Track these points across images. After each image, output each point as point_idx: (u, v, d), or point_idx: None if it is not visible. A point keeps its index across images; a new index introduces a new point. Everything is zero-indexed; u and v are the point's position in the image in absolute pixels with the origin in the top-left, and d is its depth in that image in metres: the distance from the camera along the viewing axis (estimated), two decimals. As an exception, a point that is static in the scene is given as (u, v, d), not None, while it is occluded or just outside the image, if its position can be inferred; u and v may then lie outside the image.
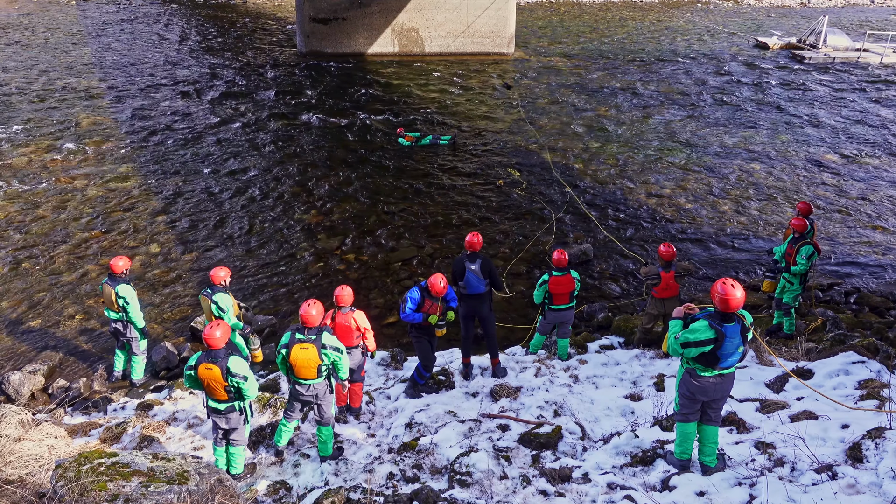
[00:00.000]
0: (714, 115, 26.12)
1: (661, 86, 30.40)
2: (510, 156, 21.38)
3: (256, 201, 17.76)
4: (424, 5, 34.13)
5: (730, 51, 38.41)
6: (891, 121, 25.82)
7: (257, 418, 8.83)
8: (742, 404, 8.21)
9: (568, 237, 16.14)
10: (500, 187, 18.97)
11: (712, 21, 49.14)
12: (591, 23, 47.19)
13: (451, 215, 17.20)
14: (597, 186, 19.12)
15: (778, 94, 29.52)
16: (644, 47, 38.91)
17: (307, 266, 14.73)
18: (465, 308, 9.78)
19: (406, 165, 20.41)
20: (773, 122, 25.49)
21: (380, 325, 12.33)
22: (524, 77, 31.52)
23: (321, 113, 25.17)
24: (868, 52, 36.65)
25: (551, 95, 28.36)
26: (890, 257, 15.48)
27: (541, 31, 43.21)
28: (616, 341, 11.40)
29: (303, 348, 7.43)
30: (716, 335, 6.02)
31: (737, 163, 21.18)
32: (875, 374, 8.46)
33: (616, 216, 17.28)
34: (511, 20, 35.30)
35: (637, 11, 52.72)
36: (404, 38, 34.74)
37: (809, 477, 6.11)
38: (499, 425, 8.40)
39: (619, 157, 21.46)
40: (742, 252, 15.68)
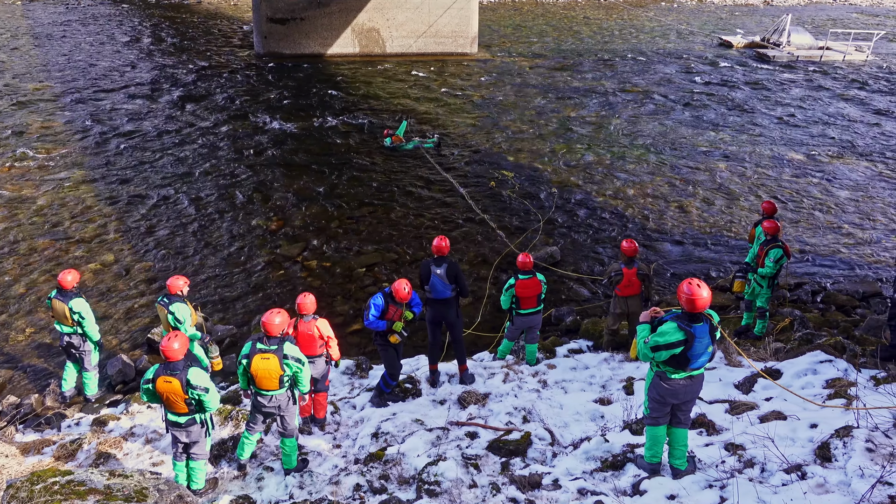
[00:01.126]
0: (679, 115, 26.50)
1: (626, 85, 30.76)
2: (475, 158, 21.45)
3: (214, 207, 17.59)
4: (385, 5, 34.14)
5: (694, 49, 39.02)
6: (854, 119, 26.42)
7: (218, 431, 8.74)
8: (711, 406, 8.33)
9: (535, 240, 16.24)
10: (493, 188, 19.12)
11: (676, 19, 49.86)
12: (554, 22, 47.59)
13: (417, 219, 17.21)
14: (563, 187, 19.27)
15: (743, 92, 30.05)
16: (609, 46, 39.34)
17: (268, 274, 14.63)
18: (431, 313, 9.78)
19: (369, 169, 20.37)
20: (738, 121, 25.94)
21: (344, 332, 12.29)
22: (488, 77, 31.66)
23: (280, 116, 25.02)
24: (831, 51, 37.50)
25: (516, 96, 28.54)
26: (855, 255, 15.83)
27: (504, 31, 43.47)
28: (585, 345, 11.48)
29: (264, 358, 7.37)
30: (685, 336, 6.08)
31: (703, 162, 21.50)
32: (842, 372, 8.64)
33: (583, 217, 17.43)
34: (473, 20, 35.46)
35: (601, 10, 53.30)
36: (365, 39, 34.70)
37: (779, 477, 6.21)
38: (467, 433, 8.41)
39: (585, 158, 21.66)
40: (709, 251, 15.92)
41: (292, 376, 7.59)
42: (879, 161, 21.97)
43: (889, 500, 5.20)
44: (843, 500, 5.48)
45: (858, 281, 14.46)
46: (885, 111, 27.58)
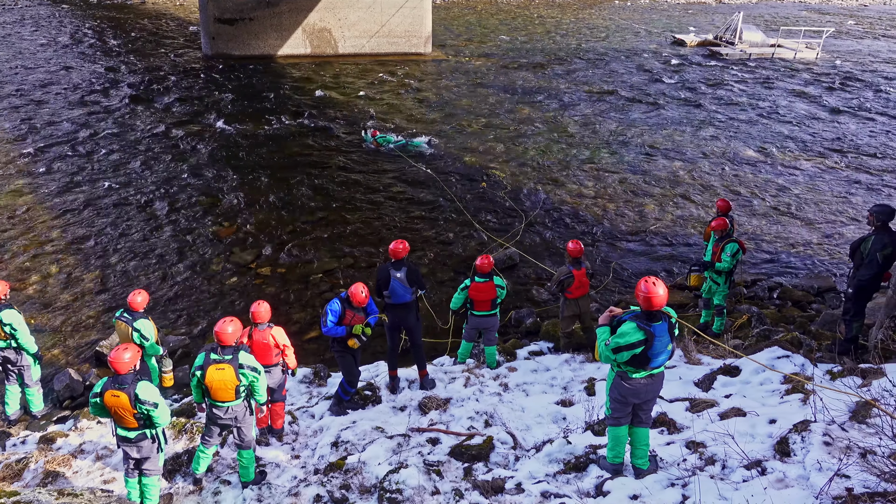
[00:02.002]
0: (635, 114, 26.88)
1: (581, 84, 31.10)
2: (430, 159, 21.48)
3: (163, 214, 17.34)
4: (336, 4, 34.02)
5: (648, 48, 39.61)
6: (806, 116, 27.08)
7: (172, 445, 8.62)
8: (672, 404, 8.47)
9: (492, 243, 16.33)
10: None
11: (630, 18, 50.55)
12: (508, 21, 47.90)
13: (374, 223, 17.18)
14: (520, 188, 19.40)
15: (697, 91, 30.59)
16: (563, 45, 39.73)
17: (220, 281, 14.47)
18: (390, 318, 9.77)
19: (323, 172, 20.28)
20: (692, 119, 26.40)
21: (301, 340, 12.21)
22: (442, 77, 31.74)
23: (230, 119, 24.77)
24: (782, 48, 38.38)
25: (471, 96, 28.67)
26: (809, 251, 16.22)
27: (458, 31, 43.63)
28: (545, 346, 11.57)
29: (219, 369, 7.29)
30: (645, 336, 6.16)
31: (659, 161, 21.84)
32: (799, 367, 8.85)
33: (540, 217, 17.57)
34: (427, 19, 35.52)
35: (555, 9, 53.80)
36: (316, 39, 34.54)
37: (740, 474, 6.35)
38: (429, 439, 8.42)
39: (542, 158, 21.84)
40: (666, 249, 16.18)
41: (248, 386, 7.53)
42: (831, 157, 22.54)
43: (846, 492, 5.35)
44: (802, 495, 5.62)
45: (813, 276, 14.82)
46: (835, 108, 28.32)
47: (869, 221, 9.47)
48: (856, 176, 21.00)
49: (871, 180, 20.68)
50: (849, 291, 9.59)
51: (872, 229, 9.36)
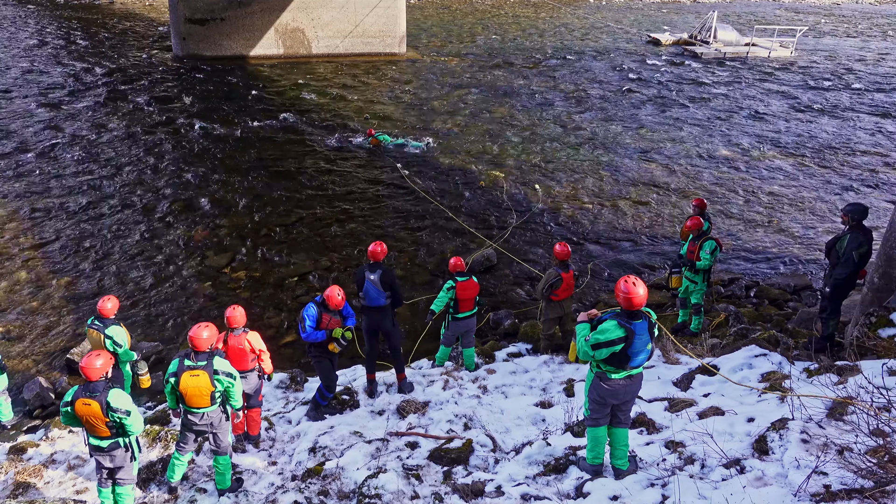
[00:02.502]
0: (610, 113, 27.06)
1: (557, 84, 31.24)
2: (405, 161, 21.49)
3: (134, 218, 17.19)
4: (309, 4, 33.92)
5: (624, 47, 39.88)
6: (781, 115, 27.40)
7: (146, 453, 8.56)
8: (651, 404, 8.54)
9: (472, 244, 16.36)
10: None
11: (605, 17, 50.85)
12: (483, 21, 48.01)
13: (350, 225, 17.15)
14: (495, 189, 19.46)
15: (672, 90, 30.85)
16: (538, 45, 39.90)
17: (194, 286, 14.38)
18: (367, 322, 9.76)
19: (298, 174, 20.21)
20: (668, 118, 26.62)
21: (277, 345, 12.17)
22: (417, 78, 31.75)
23: (202, 121, 24.61)
24: (757, 47, 38.81)
25: (446, 97, 28.70)
26: (785, 249, 16.42)
27: (433, 30, 43.67)
28: (524, 348, 11.62)
29: (193, 375, 7.25)
30: (625, 333, 6.21)
31: (635, 160, 22.00)
32: (776, 365, 8.96)
33: (516, 218, 17.62)
34: (401, 19, 35.53)
35: (530, 8, 54.00)
36: (289, 39, 34.41)
37: (719, 473, 6.41)
38: (407, 443, 8.43)
39: (518, 158, 21.92)
40: (644, 249, 16.30)
41: (224, 392, 7.49)
42: (806, 155, 22.83)
43: (824, 489, 5.43)
44: (781, 492, 5.69)
45: (790, 275, 15.02)
46: (809, 106, 28.67)
47: (843, 221, 9.61)
48: (830, 174, 21.29)
49: (844, 178, 20.96)
50: (825, 290, 9.72)
51: (847, 228, 9.50)
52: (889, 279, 9.32)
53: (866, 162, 22.36)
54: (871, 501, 5.03)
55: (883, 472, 5.27)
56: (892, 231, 9.31)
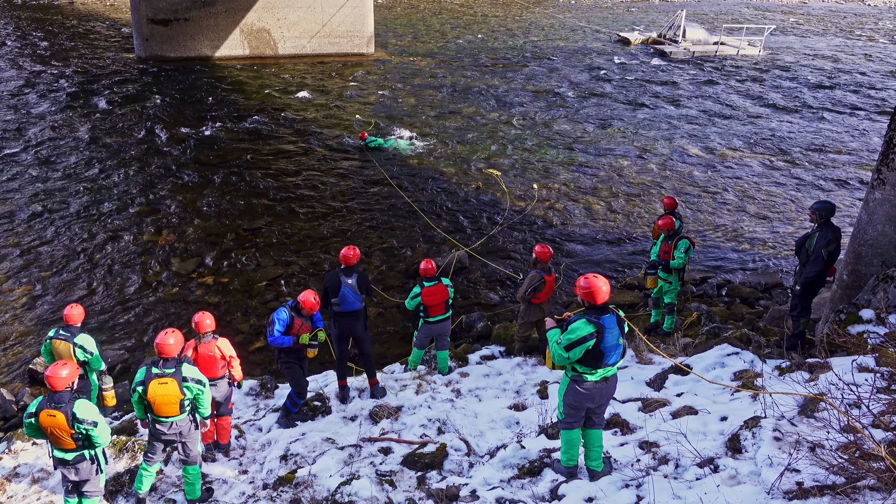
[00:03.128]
0: (581, 112, 27.24)
1: (526, 84, 31.39)
2: (376, 164, 21.47)
3: (98, 224, 16.98)
4: (275, 4, 33.76)
5: (593, 47, 40.16)
6: (750, 113, 27.77)
7: (113, 464, 8.46)
8: (625, 405, 8.61)
9: (443, 245, 16.39)
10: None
11: (574, 16, 51.18)
12: (452, 20, 48.09)
13: (319, 228, 17.10)
14: (466, 190, 19.51)
15: (642, 89, 31.13)
16: (508, 44, 40.05)
17: (160, 292, 14.24)
18: (339, 327, 9.75)
19: (265, 177, 20.10)
20: (638, 117, 26.86)
21: (246, 351, 12.10)
22: (386, 78, 31.73)
23: (166, 124, 24.39)
24: (725, 46, 39.29)
25: (415, 97, 28.71)
26: (756, 248, 16.65)
27: (401, 30, 43.65)
28: (497, 350, 11.65)
29: (161, 383, 7.18)
30: (595, 328, 6.25)
31: (606, 160, 22.17)
32: (749, 364, 9.08)
33: (489, 219, 17.69)
34: (369, 18, 35.47)
35: (499, 8, 54.19)
36: (255, 40, 34.22)
37: (693, 472, 6.49)
38: (380, 448, 8.43)
39: (489, 158, 21.99)
40: (616, 249, 16.44)
41: (193, 400, 7.44)
42: (774, 154, 23.17)
43: (797, 486, 5.51)
44: (754, 490, 5.77)
45: (761, 273, 15.24)
46: (777, 105, 29.10)
47: (811, 219, 9.76)
48: (799, 172, 21.62)
49: (813, 176, 21.30)
50: (796, 288, 9.88)
51: (816, 226, 9.66)
52: (858, 276, 9.49)
53: (834, 160, 22.74)
54: (843, 497, 5.12)
55: (854, 468, 5.36)
56: (860, 228, 9.49)
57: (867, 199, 9.42)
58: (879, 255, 9.19)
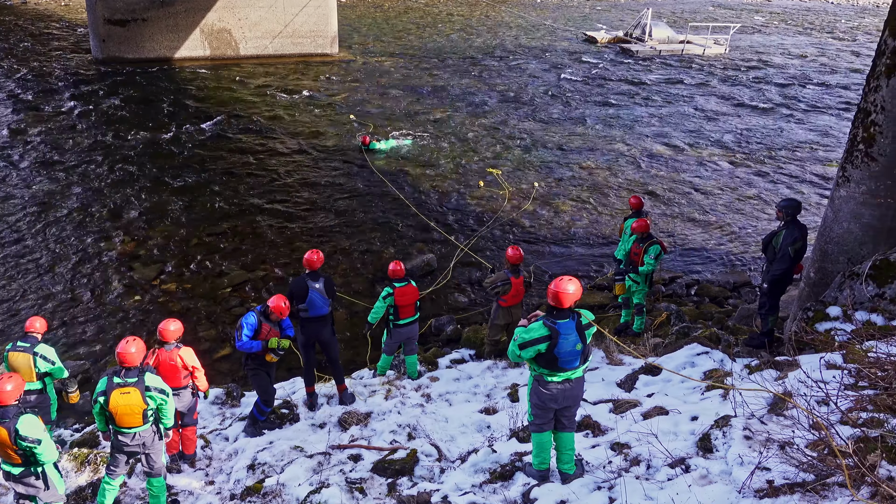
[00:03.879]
0: (548, 112, 27.40)
1: (493, 83, 31.50)
2: (342, 166, 21.42)
3: (56, 230, 16.73)
4: (236, 3, 33.52)
5: (560, 46, 40.41)
6: (716, 112, 28.14)
7: (74, 478, 8.35)
8: (596, 406, 8.68)
9: (411, 248, 16.39)
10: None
11: (540, 16, 51.43)
12: (417, 19, 48.10)
13: (285, 232, 17.01)
14: (435, 191, 19.53)
15: (610, 88, 31.39)
16: (474, 44, 40.15)
17: (122, 300, 14.07)
18: (305, 333, 9.71)
19: (228, 181, 19.95)
20: (606, 116, 27.09)
21: (211, 359, 12.00)
22: (351, 79, 31.65)
23: (126, 127, 24.09)
24: (691, 45, 39.76)
25: (381, 98, 28.68)
26: (724, 246, 16.87)
27: (365, 30, 43.57)
28: (467, 354, 11.68)
29: (124, 393, 7.09)
30: (549, 332, 6.32)
31: (574, 160, 22.33)
32: (718, 363, 9.21)
33: (457, 222, 17.72)
34: (332, 18, 35.36)
35: (464, 7, 54.30)
36: (216, 40, 33.94)
37: (664, 473, 6.55)
38: (350, 456, 8.40)
39: (456, 160, 22.03)
40: (584, 249, 16.56)
41: (156, 410, 7.36)
42: (741, 152, 23.50)
43: (767, 484, 5.60)
44: (726, 489, 5.85)
45: (729, 271, 15.46)
46: (744, 103, 29.52)
47: (778, 216, 9.92)
48: (765, 169, 21.95)
49: (779, 173, 21.64)
50: (763, 286, 10.03)
51: (782, 224, 9.81)
52: (824, 273, 9.66)
53: (801, 157, 23.13)
54: (813, 494, 5.21)
55: (823, 464, 5.45)
56: (827, 226, 9.67)
57: (833, 197, 9.59)
58: (845, 253, 9.37)
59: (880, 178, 8.82)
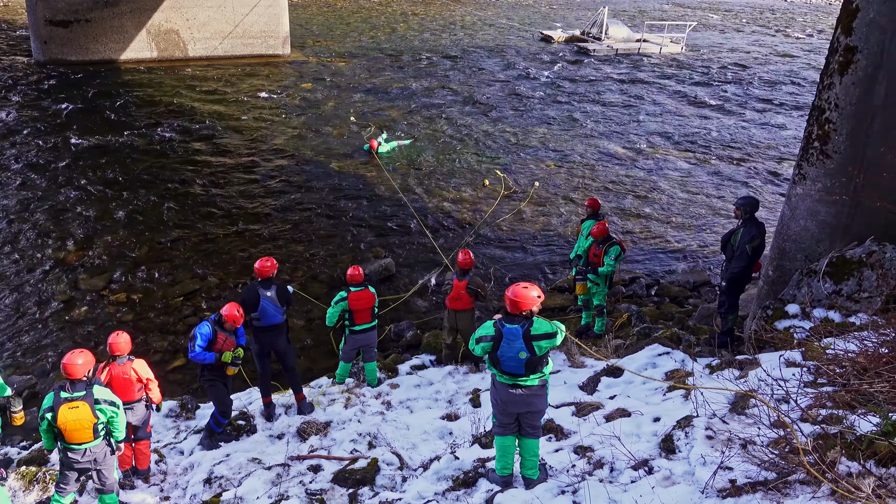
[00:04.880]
0: (506, 113, 27.55)
1: (450, 84, 31.58)
2: (296, 169, 21.31)
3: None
4: (184, 3, 33.14)
5: (516, 45, 40.67)
6: (673, 111, 28.56)
7: (23, 498, 8.21)
8: (558, 410, 8.76)
9: (368, 252, 16.36)
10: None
11: (496, 14, 51.70)
12: (371, 19, 48.03)
13: (238, 239, 16.86)
14: (393, 196, 19.52)
15: (566, 88, 31.68)
16: (429, 44, 40.22)
17: (69, 312, 13.82)
18: (259, 343, 9.66)
19: (178, 186, 19.71)
20: (563, 116, 27.33)
21: (164, 371, 11.85)
22: (303, 80, 31.50)
23: (70, 132, 23.67)
24: (648, 43, 40.31)
25: (335, 100, 28.59)
26: (684, 246, 17.12)
27: (318, 30, 43.39)
28: (428, 360, 11.71)
29: (72, 407, 6.99)
30: (495, 333, 6.54)
31: (531, 161, 22.48)
32: (680, 363, 9.35)
33: (415, 226, 17.73)
34: (284, 18, 35.16)
35: (419, 5, 54.36)
36: (163, 41, 33.53)
37: (628, 475, 6.64)
38: (310, 466, 8.38)
39: (414, 162, 22.05)
40: (543, 252, 16.67)
41: (107, 423, 7.25)
42: (699, 151, 23.89)
43: (730, 484, 5.70)
44: (689, 490, 5.95)
45: (689, 271, 15.70)
46: (701, 102, 30.01)
47: (736, 215, 10.12)
48: (722, 168, 22.34)
49: (736, 171, 22.05)
50: (722, 285, 10.23)
51: (740, 222, 10.01)
52: (782, 271, 9.88)
53: (757, 155, 23.58)
54: (775, 493, 5.32)
55: (784, 462, 5.57)
56: (784, 224, 9.89)
57: (789, 195, 9.81)
58: (803, 250, 9.59)
59: (835, 176, 9.04)
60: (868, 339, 7.21)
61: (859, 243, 8.95)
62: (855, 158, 8.82)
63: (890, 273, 8.38)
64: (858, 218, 8.99)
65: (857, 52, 8.62)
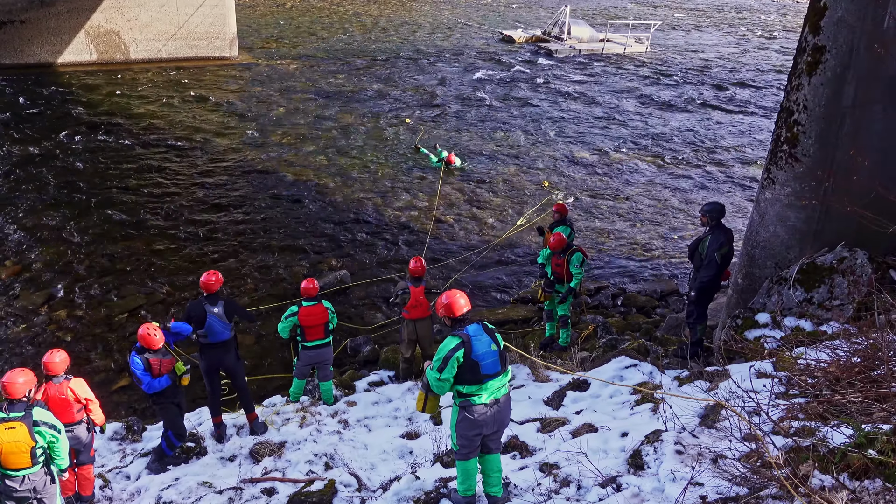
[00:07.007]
0: (465, 116, 27.65)
1: (407, 87, 31.61)
2: (246, 178, 21.16)
3: (-74, 255, 16.04)
4: (124, 3, 32.72)
5: (475, 46, 40.84)
6: (639, 113, 28.91)
7: (-45, 531, 8.01)
8: (523, 426, 8.79)
9: (321, 264, 16.29)
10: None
11: (454, 14, 51.90)
12: (323, 20, 47.91)
13: (184, 251, 16.68)
14: (347, 203, 19.47)
15: (528, 90, 31.89)
16: (384, 45, 40.23)
17: (5, 330, 13.56)
18: (207, 360, 9.57)
19: (124, 196, 19.45)
20: (525, 120, 27.50)
21: (108, 391, 11.67)
22: (252, 84, 31.32)
23: (3, 140, 23.24)
24: (612, 43, 40.76)
25: (286, 104, 28.44)
26: (650, 254, 17.31)
27: (267, 31, 43.17)
28: (386, 376, 11.70)
29: (9, 429, 6.83)
30: (460, 339, 6.47)
31: (492, 166, 22.58)
32: (647, 375, 9.44)
33: (369, 235, 17.71)
34: (231, 18, 34.91)
35: (373, 5, 54.35)
36: (103, 43, 33.09)
37: (595, 493, 6.67)
38: (263, 490, 8.31)
39: (369, 168, 22.01)
40: (505, 261, 16.74)
41: (47, 448, 7.11)
42: (665, 154, 24.19)
43: (700, 500, 5.76)
44: (658, 507, 6.02)
45: (656, 280, 15.85)
46: (666, 104, 30.41)
47: (703, 222, 10.20)
48: (690, 171, 22.66)
49: (703, 176, 22.38)
50: (691, 294, 10.32)
51: (707, 229, 10.10)
52: (752, 279, 10.01)
53: (724, 159, 23.95)
54: (747, 508, 5.39)
55: (756, 477, 5.64)
56: (753, 230, 10.02)
57: (758, 200, 9.94)
58: (773, 257, 9.71)
59: (805, 180, 9.17)
60: (840, 349, 7.33)
61: (830, 249, 9.08)
62: (825, 162, 8.95)
63: (861, 280, 8.51)
64: (829, 223, 9.11)
65: (825, 52, 8.75)
